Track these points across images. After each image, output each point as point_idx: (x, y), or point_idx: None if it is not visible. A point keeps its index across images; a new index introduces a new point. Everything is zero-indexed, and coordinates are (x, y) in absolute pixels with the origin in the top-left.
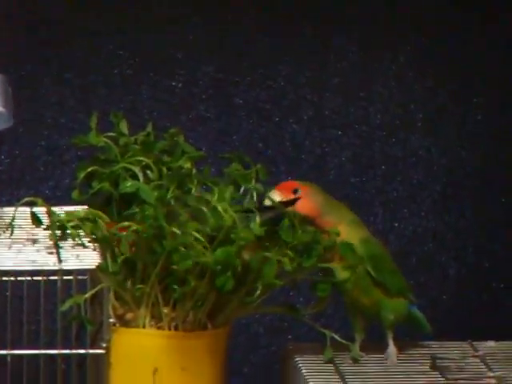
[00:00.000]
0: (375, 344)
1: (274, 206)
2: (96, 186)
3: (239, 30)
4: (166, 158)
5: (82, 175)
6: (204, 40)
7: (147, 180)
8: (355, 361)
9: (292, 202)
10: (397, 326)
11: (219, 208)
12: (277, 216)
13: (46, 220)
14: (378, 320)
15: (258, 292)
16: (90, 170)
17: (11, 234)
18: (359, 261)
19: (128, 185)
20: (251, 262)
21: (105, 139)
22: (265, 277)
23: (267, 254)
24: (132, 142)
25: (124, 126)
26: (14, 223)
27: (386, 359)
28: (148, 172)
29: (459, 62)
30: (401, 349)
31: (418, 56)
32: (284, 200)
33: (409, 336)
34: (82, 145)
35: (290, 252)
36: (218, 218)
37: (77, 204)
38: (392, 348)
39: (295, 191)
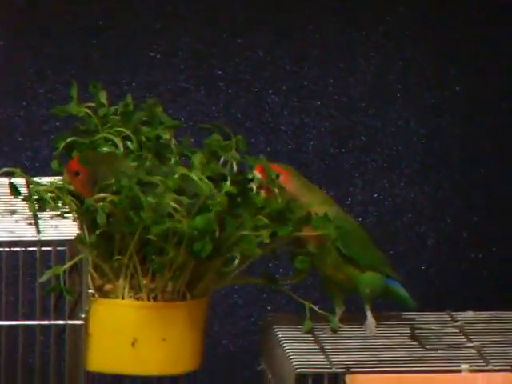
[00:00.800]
0: (355, 315)
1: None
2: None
3: (218, 1)
4: (144, 129)
5: (61, 145)
6: (183, 11)
7: (127, 151)
8: (334, 331)
9: None
10: (376, 299)
11: (194, 177)
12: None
13: (24, 191)
14: (355, 293)
15: (237, 262)
16: (69, 140)
17: None
18: (332, 231)
19: None
20: (228, 236)
21: (85, 109)
22: (242, 249)
23: (245, 232)
24: (111, 113)
25: (103, 96)
26: None
27: (366, 330)
28: (128, 143)
29: (438, 32)
30: (380, 319)
31: (398, 27)
32: None
33: (390, 308)
34: (62, 115)
35: (263, 218)
36: (194, 186)
37: (56, 175)
38: (370, 319)
39: (276, 176)
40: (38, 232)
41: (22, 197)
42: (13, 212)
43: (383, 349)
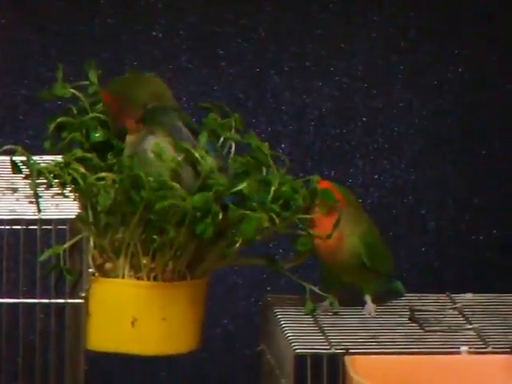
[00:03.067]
0: (355, 298)
1: None
2: (67, 136)
3: None
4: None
5: (52, 126)
6: None
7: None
8: (331, 312)
9: None
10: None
11: (196, 155)
12: None
13: (25, 169)
14: (356, 288)
15: (238, 245)
16: (59, 120)
17: None
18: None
19: (97, 135)
20: (230, 217)
21: (72, 90)
22: (244, 233)
23: (246, 211)
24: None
25: (93, 75)
26: None
27: (365, 312)
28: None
29: (441, 14)
30: (379, 301)
31: (401, 7)
32: None
33: None
34: (50, 98)
35: (268, 202)
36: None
37: (50, 154)
38: (370, 303)
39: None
40: (39, 211)
41: (23, 175)
42: (14, 190)
43: (382, 330)
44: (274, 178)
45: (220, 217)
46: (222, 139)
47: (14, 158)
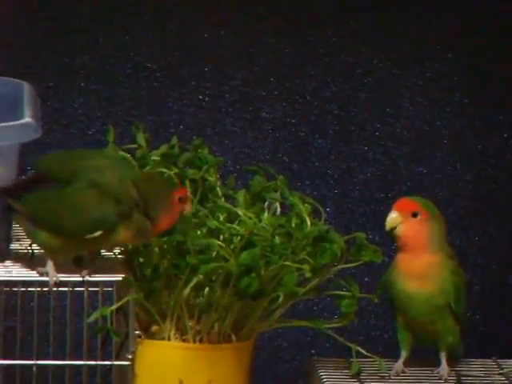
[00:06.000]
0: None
1: None
2: None
3: (266, 43)
4: (189, 171)
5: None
6: (231, 53)
7: None
8: (398, 373)
9: None
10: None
11: (239, 212)
12: None
13: None
14: (431, 342)
15: (281, 300)
16: None
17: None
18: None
19: None
20: (271, 272)
21: (122, 153)
22: (285, 285)
23: (285, 262)
24: (150, 154)
25: (141, 138)
26: None
27: (440, 374)
28: None
29: (485, 77)
30: (425, 365)
31: (445, 72)
32: None
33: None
34: None
35: (306, 256)
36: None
37: None
38: (445, 365)
39: (414, 215)
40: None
41: None
42: None
43: None
44: (311, 231)
45: (262, 272)
46: (267, 202)
47: None
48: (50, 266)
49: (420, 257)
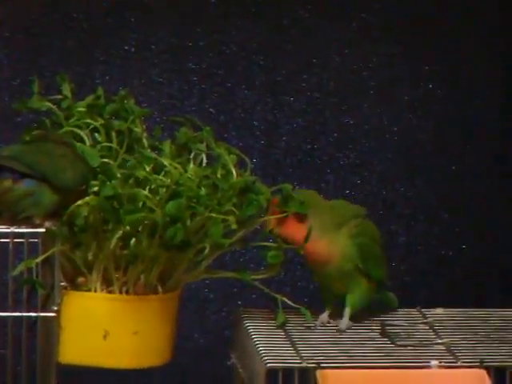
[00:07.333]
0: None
1: None
2: None
3: None
4: (115, 122)
5: (28, 138)
6: (158, 3)
7: (95, 144)
8: (323, 324)
9: None
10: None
11: (165, 163)
12: None
13: None
14: (342, 299)
15: (207, 251)
16: (34, 133)
17: None
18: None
19: None
20: (196, 222)
21: (48, 103)
22: (211, 236)
23: (211, 214)
24: (76, 105)
25: (67, 88)
26: None
27: (339, 326)
28: (96, 136)
29: (412, 28)
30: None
31: (372, 22)
32: None
33: None
34: (25, 110)
35: (232, 208)
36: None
37: None
38: (347, 318)
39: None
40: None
41: None
42: None
43: (354, 345)
44: (237, 182)
45: (188, 223)
46: (193, 152)
47: None
48: None
49: (315, 245)
